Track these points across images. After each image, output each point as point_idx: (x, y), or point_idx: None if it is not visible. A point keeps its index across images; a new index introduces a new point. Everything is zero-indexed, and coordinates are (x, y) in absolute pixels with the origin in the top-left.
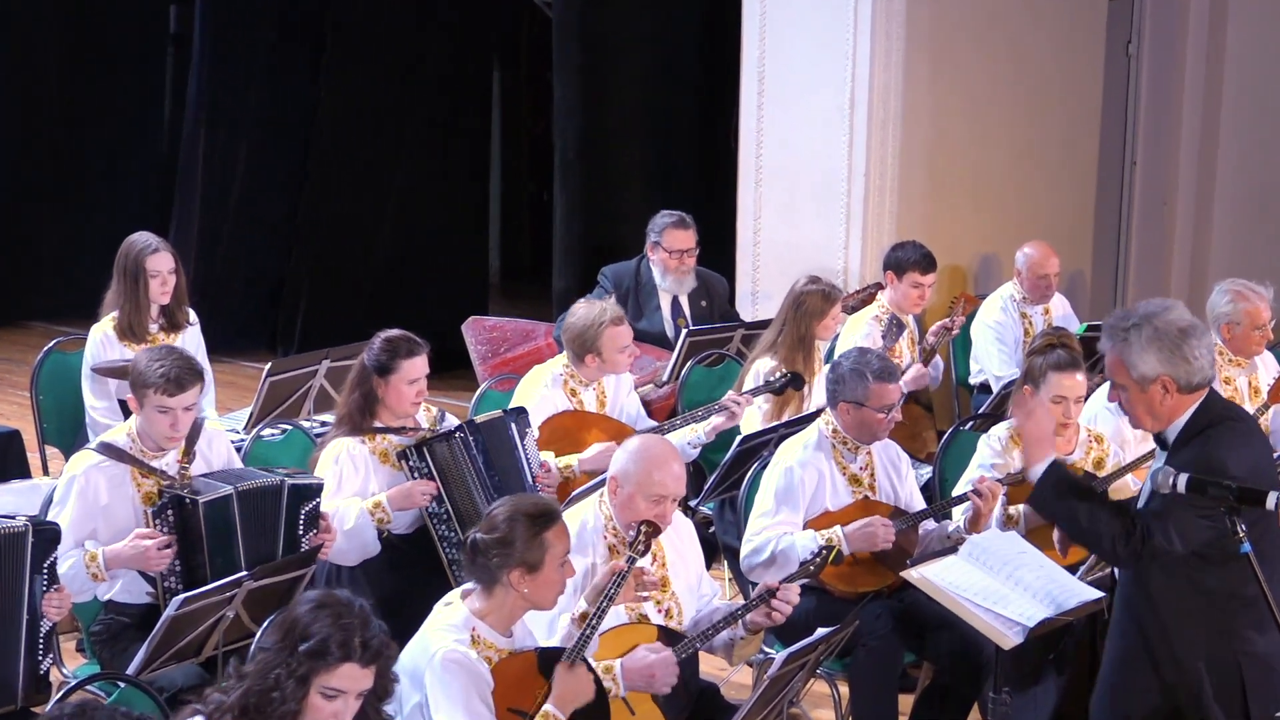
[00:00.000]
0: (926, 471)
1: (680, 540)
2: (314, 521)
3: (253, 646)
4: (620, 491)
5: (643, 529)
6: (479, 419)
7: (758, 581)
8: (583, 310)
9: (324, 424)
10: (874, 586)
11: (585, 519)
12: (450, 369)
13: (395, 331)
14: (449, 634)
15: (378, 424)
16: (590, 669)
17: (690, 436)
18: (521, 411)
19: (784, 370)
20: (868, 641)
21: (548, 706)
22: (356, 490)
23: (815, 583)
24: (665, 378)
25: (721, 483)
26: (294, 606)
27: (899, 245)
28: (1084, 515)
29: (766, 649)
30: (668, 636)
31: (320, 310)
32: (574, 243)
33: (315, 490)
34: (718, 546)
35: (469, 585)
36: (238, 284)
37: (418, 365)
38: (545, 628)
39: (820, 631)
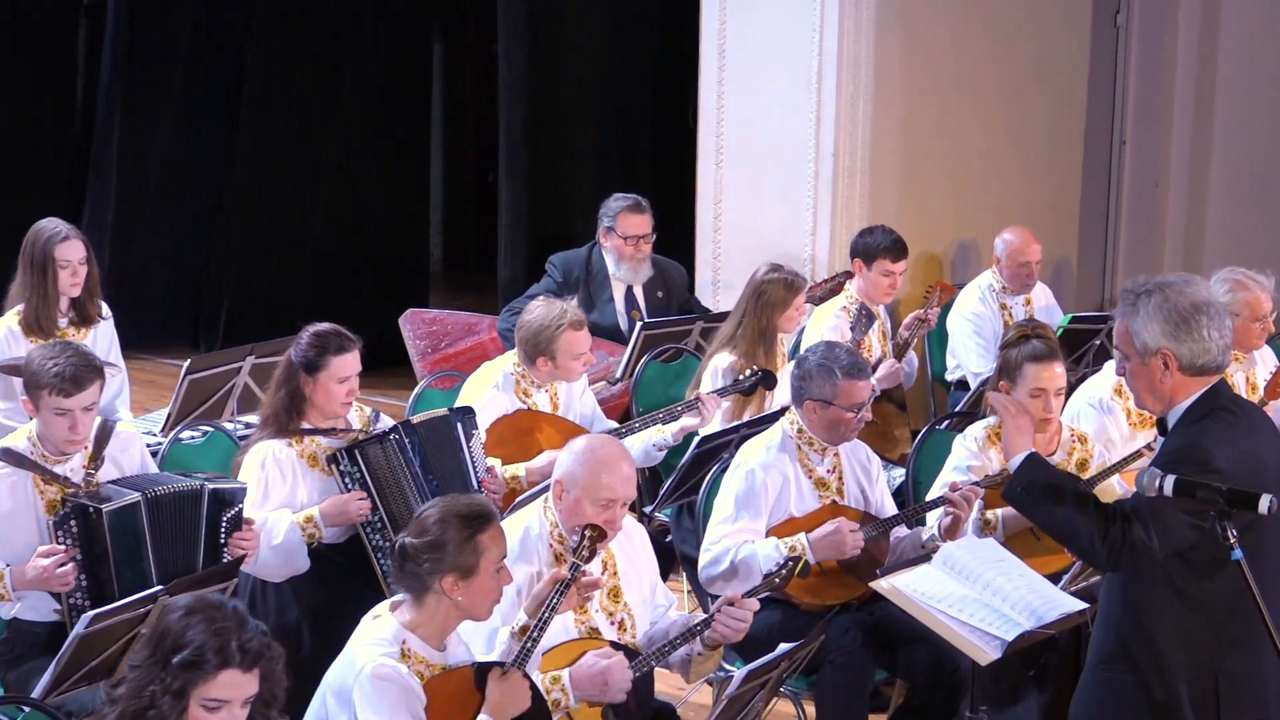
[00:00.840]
0: (899, 475)
1: (632, 547)
2: (236, 528)
3: (124, 666)
4: (566, 496)
5: (587, 533)
6: (416, 419)
7: (718, 594)
8: (540, 310)
9: (248, 426)
10: (842, 598)
11: (529, 526)
12: (387, 365)
13: (324, 325)
14: (377, 648)
15: (305, 425)
16: (526, 677)
17: (656, 438)
18: (468, 411)
19: (753, 368)
20: (835, 657)
21: (481, 718)
22: (284, 498)
23: (779, 594)
24: (618, 375)
25: (678, 487)
26: (161, 617)
27: (867, 230)
28: (1060, 511)
29: (726, 665)
30: (618, 651)
31: (246, 303)
32: (521, 229)
33: (238, 496)
34: (675, 556)
35: (399, 596)
36: (156, 275)
37: (349, 362)
38: (484, 641)
39: (783, 647)
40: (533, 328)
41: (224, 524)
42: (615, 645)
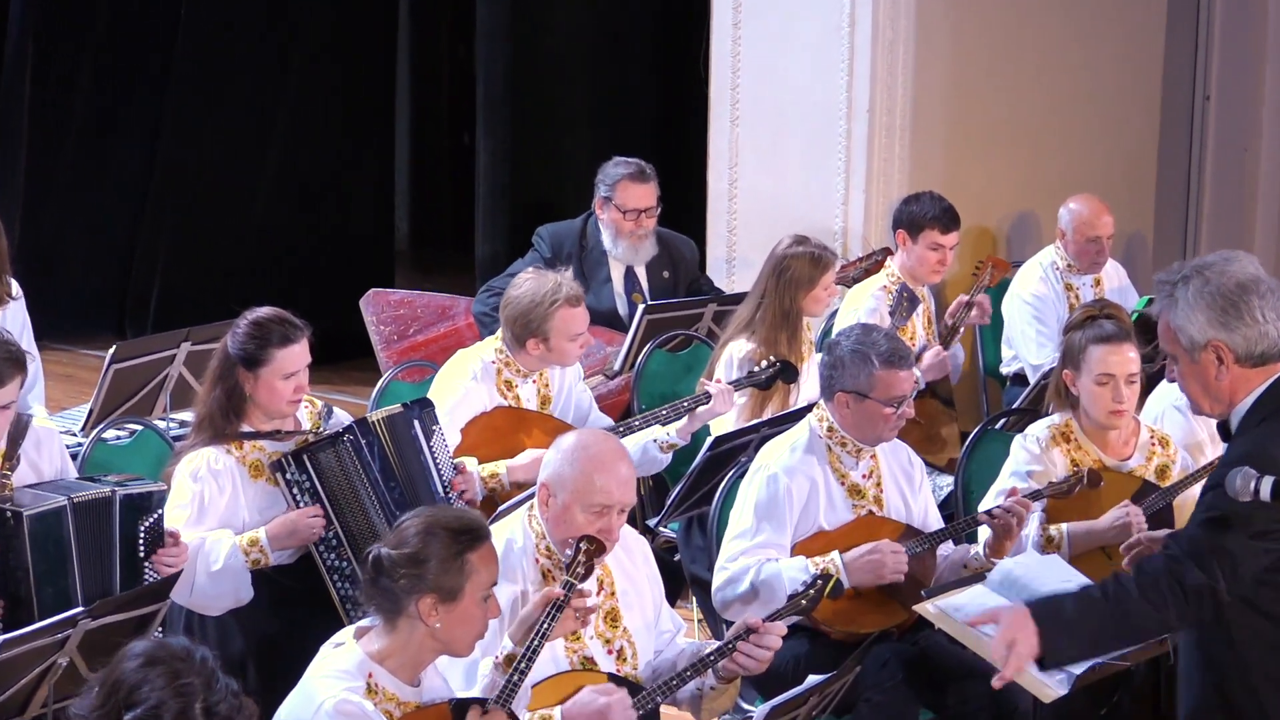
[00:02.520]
0: (947, 483)
1: (632, 564)
2: (158, 540)
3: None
4: (553, 501)
5: (582, 546)
6: (373, 416)
7: (733, 620)
8: (531, 282)
9: (183, 425)
10: (880, 625)
11: (512, 538)
12: (347, 357)
13: (265, 311)
14: (338, 681)
15: (246, 427)
16: (512, 716)
17: (659, 436)
18: (425, 404)
19: (771, 358)
20: (872, 695)
21: None
22: (222, 514)
23: (807, 621)
24: (617, 366)
25: (688, 496)
26: (117, 662)
27: (913, 198)
28: (1110, 628)
29: (744, 704)
30: (620, 686)
31: (181, 286)
32: (502, 198)
33: (154, 500)
34: (684, 577)
35: (366, 622)
36: (74, 253)
37: (294, 355)
38: (463, 677)
39: (812, 679)
40: (522, 303)
41: (141, 535)
42: (614, 678)
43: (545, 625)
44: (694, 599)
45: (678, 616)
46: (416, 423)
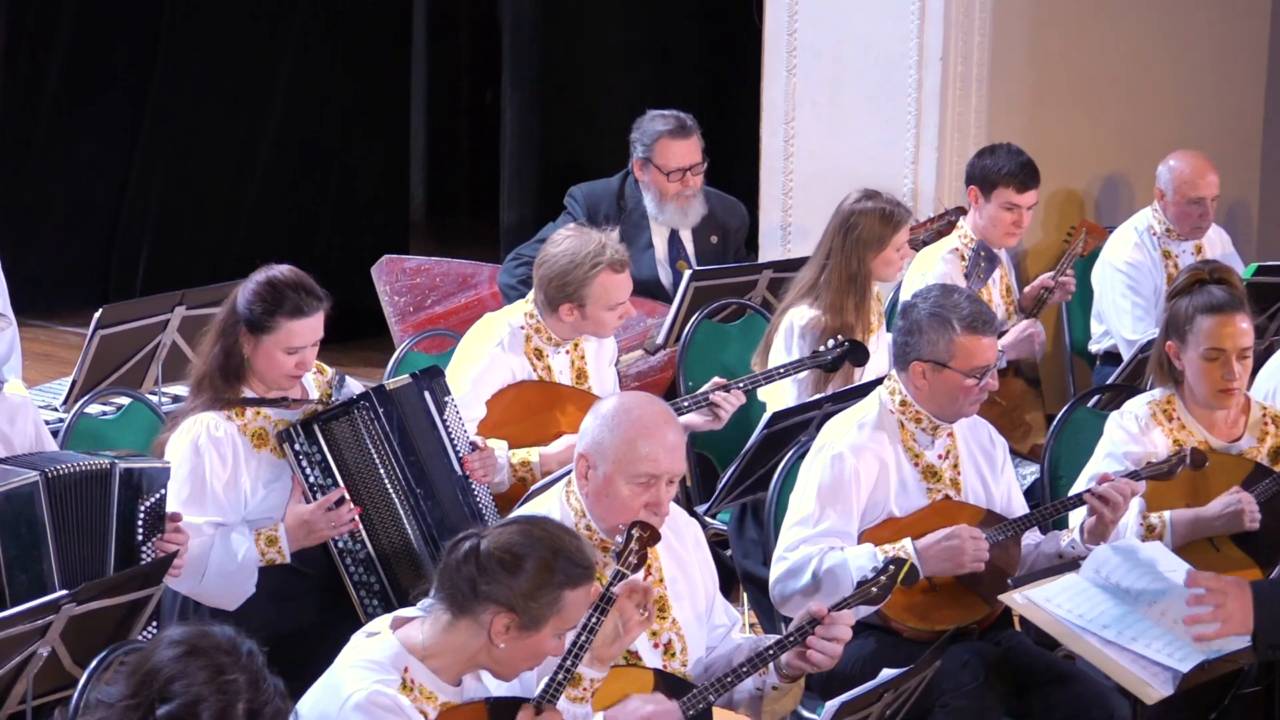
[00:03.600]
0: (1031, 472)
1: (683, 547)
2: (158, 523)
3: (82, 695)
4: (594, 474)
5: (634, 533)
6: (390, 384)
7: (792, 616)
8: (571, 241)
9: (177, 400)
10: (958, 622)
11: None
12: (357, 335)
13: (284, 271)
14: (370, 673)
15: (248, 392)
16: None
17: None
18: (434, 373)
19: (839, 338)
20: (950, 700)
21: None
22: (225, 489)
23: (875, 618)
24: (660, 340)
25: (741, 481)
26: (153, 650)
27: (986, 150)
28: None
29: (805, 715)
30: (669, 684)
31: (171, 257)
32: (530, 157)
33: (158, 479)
34: (735, 575)
35: (408, 612)
36: (53, 221)
37: (304, 329)
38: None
39: (887, 673)
40: (559, 263)
41: (141, 516)
42: (661, 675)
43: (594, 620)
44: (746, 598)
45: (733, 609)
46: (426, 394)
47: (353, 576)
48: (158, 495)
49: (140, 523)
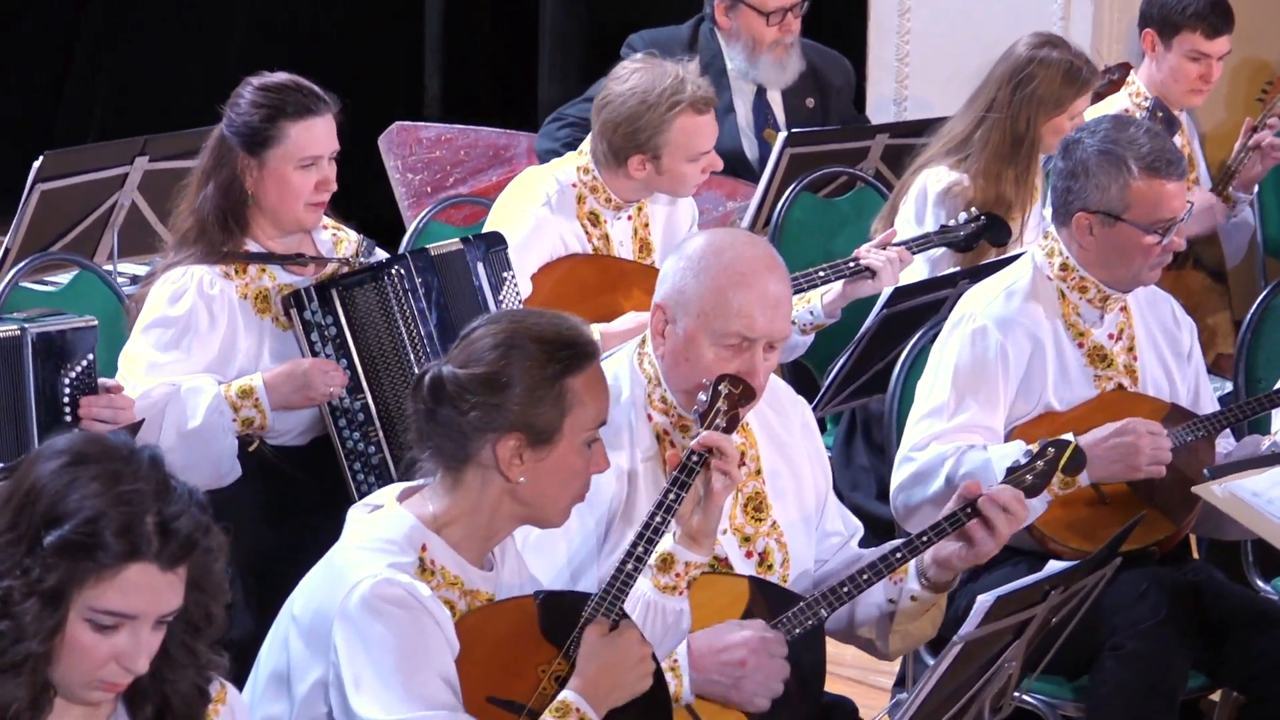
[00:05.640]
0: (1220, 387)
1: (787, 431)
2: (86, 392)
3: None
4: (672, 330)
5: (722, 389)
6: (433, 248)
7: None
8: (640, 76)
9: (137, 280)
10: (1133, 544)
11: (613, 386)
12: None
13: (277, 76)
14: (379, 556)
15: (252, 245)
16: (645, 644)
17: (798, 310)
18: (494, 240)
19: (974, 210)
20: (1123, 641)
21: (569, 695)
22: (213, 360)
23: (1027, 539)
24: (745, 224)
25: (853, 377)
26: (29, 467)
27: None
28: None
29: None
30: (768, 595)
31: (137, 96)
32: (574, 17)
33: (83, 341)
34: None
35: (414, 484)
36: None
37: (316, 132)
38: (550, 565)
39: (1054, 565)
40: (628, 104)
41: (65, 388)
42: (758, 585)
43: (672, 497)
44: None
45: (851, 516)
46: (481, 265)
47: (360, 486)
48: (85, 362)
49: (66, 397)
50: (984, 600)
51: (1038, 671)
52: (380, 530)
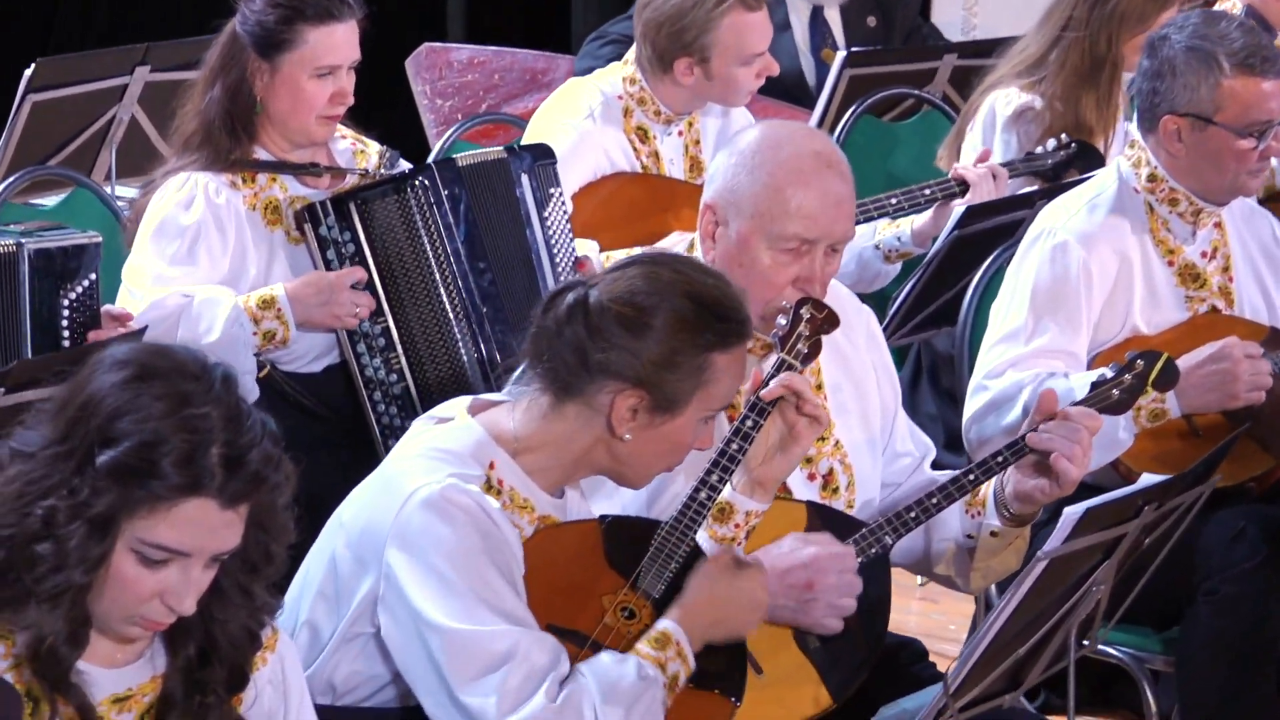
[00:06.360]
0: None
1: (850, 343)
2: (90, 319)
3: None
4: (723, 233)
5: (802, 313)
6: (462, 158)
7: None
8: None
9: (131, 203)
10: (1230, 478)
11: None
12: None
13: None
14: (440, 466)
15: (263, 154)
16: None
17: (884, 236)
18: (542, 152)
19: (1063, 137)
20: (1219, 585)
21: (668, 625)
22: (223, 271)
23: (1108, 475)
24: None
25: (919, 307)
26: (89, 375)
27: None
28: None
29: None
30: (826, 521)
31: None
32: None
33: (86, 258)
34: None
35: (493, 396)
36: None
37: (336, 39)
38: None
39: (1148, 478)
40: (674, 3)
41: (65, 310)
42: (817, 511)
43: (749, 426)
44: None
45: (922, 435)
46: (525, 177)
47: (381, 418)
48: (86, 283)
49: (65, 321)
50: (1071, 513)
51: (1118, 616)
52: (444, 442)
